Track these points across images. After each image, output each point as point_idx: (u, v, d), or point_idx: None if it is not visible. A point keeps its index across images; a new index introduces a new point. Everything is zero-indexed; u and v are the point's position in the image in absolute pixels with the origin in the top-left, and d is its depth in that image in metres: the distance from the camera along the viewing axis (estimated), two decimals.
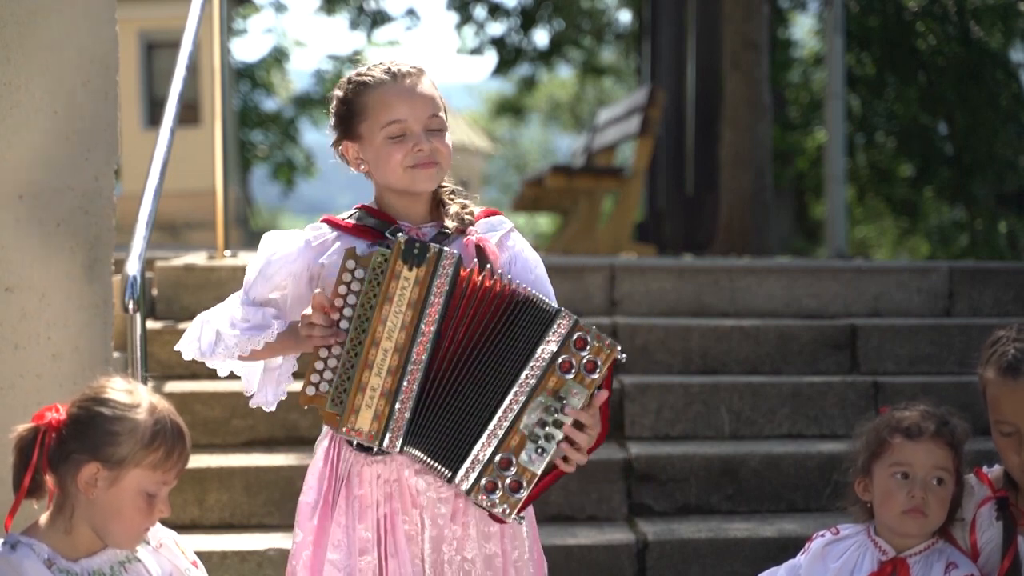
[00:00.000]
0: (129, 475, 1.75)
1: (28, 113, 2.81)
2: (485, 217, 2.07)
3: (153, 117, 11.96)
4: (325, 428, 2.02)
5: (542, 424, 1.82)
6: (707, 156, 9.17)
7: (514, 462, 1.81)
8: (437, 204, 2.06)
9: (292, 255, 1.99)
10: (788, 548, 2.71)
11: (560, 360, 1.81)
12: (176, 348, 2.10)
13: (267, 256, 2.00)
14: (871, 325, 4.20)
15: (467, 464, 1.82)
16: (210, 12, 4.44)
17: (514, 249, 2.06)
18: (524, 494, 1.82)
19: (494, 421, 1.82)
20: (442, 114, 2.02)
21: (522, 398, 1.82)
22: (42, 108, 2.82)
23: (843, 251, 7.17)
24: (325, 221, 2.05)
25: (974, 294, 4.49)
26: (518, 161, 28.01)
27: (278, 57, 18.16)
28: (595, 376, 1.81)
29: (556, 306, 1.86)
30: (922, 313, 4.40)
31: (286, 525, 3.26)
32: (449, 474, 1.84)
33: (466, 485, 1.82)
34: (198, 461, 3.23)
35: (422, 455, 1.87)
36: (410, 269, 1.82)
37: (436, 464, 1.85)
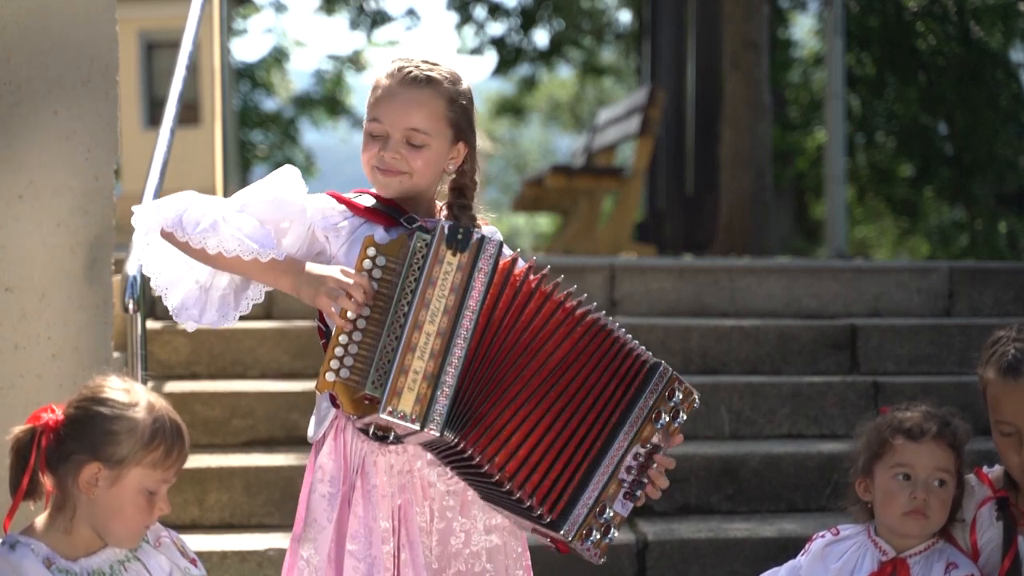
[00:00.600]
0: (130, 474, 1.75)
1: (28, 113, 2.81)
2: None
3: (153, 117, 11.96)
4: (323, 421, 2.00)
5: (640, 471, 1.87)
6: (707, 156, 9.18)
7: (608, 509, 1.85)
8: (446, 206, 2.06)
9: (307, 204, 1.97)
10: (788, 548, 2.71)
11: (655, 410, 1.87)
12: (137, 208, 1.99)
13: (288, 191, 1.96)
14: (871, 325, 4.21)
15: (575, 514, 1.83)
16: (210, 12, 4.45)
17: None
18: (613, 536, 1.87)
19: (600, 470, 1.84)
20: (426, 131, 1.96)
21: (624, 445, 1.85)
22: (42, 108, 2.82)
23: (843, 251, 7.18)
24: (332, 195, 2.04)
25: (974, 294, 4.49)
26: (518, 161, 28.02)
27: (278, 57, 18.17)
28: (678, 423, 1.89)
29: (651, 355, 1.91)
30: (922, 313, 4.40)
31: (286, 525, 3.26)
32: (550, 518, 1.83)
33: (571, 535, 1.83)
34: (198, 461, 3.24)
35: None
36: (454, 254, 1.82)
37: (533, 503, 1.82)
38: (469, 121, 2.06)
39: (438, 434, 1.80)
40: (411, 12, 16.68)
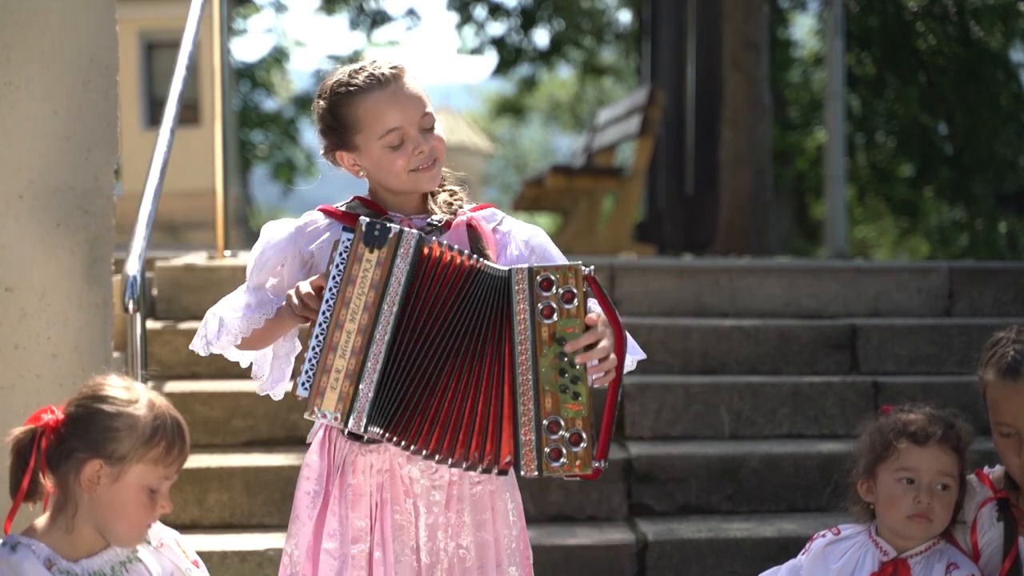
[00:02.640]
0: (131, 471, 1.75)
1: (28, 113, 2.80)
2: (479, 210, 2.08)
3: (153, 117, 11.95)
4: (318, 420, 2.03)
5: (561, 372, 1.83)
6: (707, 156, 9.16)
7: (560, 420, 1.82)
8: (428, 195, 2.07)
9: (283, 241, 2.02)
10: (788, 548, 2.71)
11: (540, 309, 1.83)
12: (190, 347, 2.13)
13: (262, 245, 2.03)
14: (871, 325, 4.20)
15: (523, 448, 1.82)
16: (210, 12, 4.44)
17: (509, 230, 2.07)
18: (586, 442, 1.82)
19: (521, 394, 1.83)
20: (430, 108, 2.03)
21: (530, 363, 1.83)
22: (42, 108, 2.82)
23: (843, 251, 7.17)
24: (321, 210, 2.07)
25: (974, 294, 4.49)
26: (518, 161, 27.99)
27: (278, 57, 18.15)
28: (575, 303, 1.83)
29: (505, 267, 1.87)
30: (922, 313, 4.40)
31: (286, 525, 3.26)
32: (499, 468, 1.85)
33: (534, 470, 1.82)
34: (198, 461, 3.23)
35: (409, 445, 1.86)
36: (371, 251, 1.84)
37: (483, 463, 1.85)
38: None
39: (362, 431, 1.84)
40: (411, 12, 16.66)
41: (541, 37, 15.62)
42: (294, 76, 19.54)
